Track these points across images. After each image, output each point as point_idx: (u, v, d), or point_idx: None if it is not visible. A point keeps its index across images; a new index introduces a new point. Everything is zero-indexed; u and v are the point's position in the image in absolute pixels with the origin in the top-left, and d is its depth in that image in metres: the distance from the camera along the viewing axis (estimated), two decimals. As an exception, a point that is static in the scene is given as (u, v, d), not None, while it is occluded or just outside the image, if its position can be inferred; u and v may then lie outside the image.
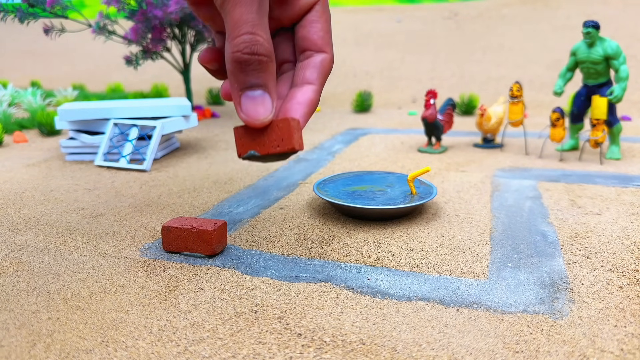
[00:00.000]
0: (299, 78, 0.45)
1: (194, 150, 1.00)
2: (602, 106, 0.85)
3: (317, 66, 0.45)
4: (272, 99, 0.41)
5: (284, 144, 0.41)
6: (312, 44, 0.45)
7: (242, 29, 0.38)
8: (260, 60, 0.39)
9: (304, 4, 0.44)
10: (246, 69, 0.40)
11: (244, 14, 0.38)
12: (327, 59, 0.45)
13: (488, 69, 2.08)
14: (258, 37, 0.39)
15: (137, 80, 2.44)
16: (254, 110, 0.41)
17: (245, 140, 0.43)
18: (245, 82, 0.40)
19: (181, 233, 0.49)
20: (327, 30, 0.45)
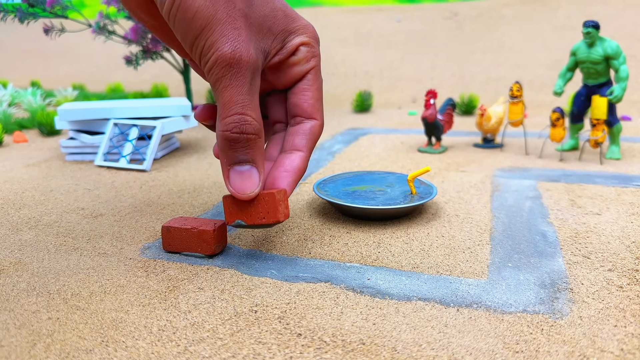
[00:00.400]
0: (288, 144, 0.47)
1: (194, 150, 1.00)
2: (602, 106, 0.85)
3: (306, 133, 0.46)
4: (259, 173, 0.43)
5: (269, 217, 0.44)
6: (303, 111, 0.46)
7: (231, 109, 0.40)
8: (249, 138, 0.41)
9: (297, 73, 0.45)
10: (235, 146, 0.41)
11: (234, 96, 0.39)
12: (316, 125, 0.46)
13: (488, 69, 2.08)
14: (247, 117, 0.40)
15: (137, 80, 2.44)
16: (241, 185, 0.42)
17: (234, 210, 0.45)
18: (233, 158, 0.42)
19: (181, 233, 0.49)
20: (317, 98, 0.46)
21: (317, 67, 0.46)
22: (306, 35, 0.44)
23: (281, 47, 0.43)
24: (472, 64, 2.15)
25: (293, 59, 0.44)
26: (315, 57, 0.45)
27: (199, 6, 0.37)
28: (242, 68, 0.39)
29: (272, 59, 0.43)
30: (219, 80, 0.39)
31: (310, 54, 0.45)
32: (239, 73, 0.39)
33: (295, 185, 0.46)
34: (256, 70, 0.40)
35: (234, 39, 0.38)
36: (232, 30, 0.38)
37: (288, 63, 0.44)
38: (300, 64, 0.44)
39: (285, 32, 0.43)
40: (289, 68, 0.45)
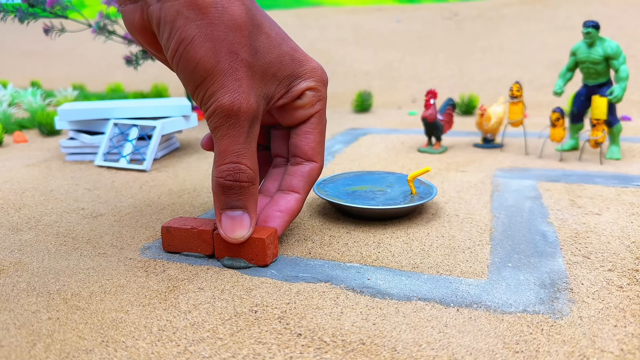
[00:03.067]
0: (285, 183, 0.48)
1: (194, 150, 1.00)
2: (602, 106, 0.85)
3: (304, 175, 0.47)
4: (250, 219, 0.44)
5: (257, 260, 0.46)
6: (303, 153, 0.47)
7: (227, 158, 0.41)
8: (242, 186, 0.42)
9: (301, 115, 0.45)
10: (228, 192, 0.42)
11: (230, 145, 0.40)
12: (315, 168, 0.47)
13: (488, 69, 2.08)
14: (242, 165, 0.41)
15: (137, 80, 2.44)
16: (231, 229, 0.43)
17: (223, 247, 0.46)
18: (226, 203, 0.43)
19: (181, 233, 0.49)
20: (319, 142, 0.47)
21: (322, 110, 0.46)
22: (313, 79, 0.44)
23: (286, 91, 0.44)
24: (472, 64, 2.15)
25: (298, 103, 0.45)
26: (321, 101, 0.46)
27: (201, 57, 0.37)
28: (240, 118, 0.39)
29: (277, 102, 0.44)
30: (217, 129, 0.40)
31: (315, 99, 0.45)
32: (237, 123, 0.39)
33: (287, 226, 0.48)
34: (255, 118, 0.41)
35: (233, 90, 0.38)
36: (233, 82, 0.38)
37: (293, 106, 0.45)
38: (304, 108, 0.45)
39: (291, 77, 0.43)
40: (293, 110, 0.45)
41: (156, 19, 0.39)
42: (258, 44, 0.40)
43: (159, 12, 0.38)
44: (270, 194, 0.49)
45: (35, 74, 2.78)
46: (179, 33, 0.37)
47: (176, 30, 0.38)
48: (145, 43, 0.43)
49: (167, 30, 0.38)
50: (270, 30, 0.42)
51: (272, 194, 0.49)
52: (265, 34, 0.41)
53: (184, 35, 0.37)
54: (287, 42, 0.43)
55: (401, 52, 2.35)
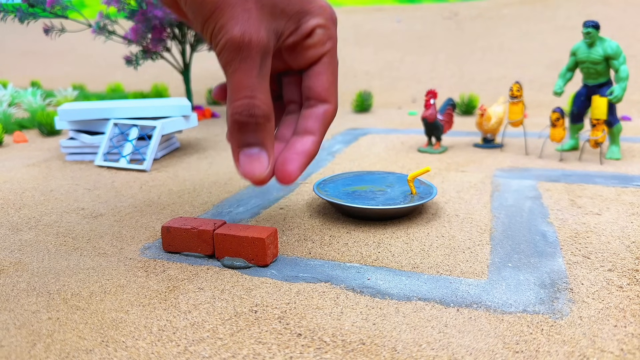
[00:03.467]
0: (301, 127, 0.47)
1: (194, 150, 1.00)
2: (602, 106, 0.85)
3: (319, 117, 0.46)
4: (268, 156, 0.43)
5: (258, 259, 0.47)
6: (317, 95, 0.46)
7: (241, 93, 0.40)
8: (258, 122, 0.41)
9: (312, 55, 0.44)
10: (244, 129, 0.41)
11: (243, 79, 0.39)
12: (329, 109, 0.46)
13: (488, 69, 2.08)
14: (256, 100, 0.40)
15: (137, 80, 2.44)
16: (250, 168, 0.42)
17: (223, 247, 0.47)
18: (243, 141, 0.42)
19: (181, 233, 0.49)
20: (332, 82, 0.46)
21: (333, 50, 0.45)
22: (322, 16, 0.43)
23: (296, 28, 0.43)
24: (472, 64, 2.15)
25: (308, 42, 0.43)
26: (331, 40, 0.44)
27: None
28: (252, 51, 0.38)
29: (286, 40, 0.43)
30: (228, 64, 0.39)
31: (325, 37, 0.44)
32: (249, 56, 0.38)
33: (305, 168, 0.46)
34: (267, 52, 0.40)
35: (244, 21, 0.38)
36: (242, 12, 0.38)
37: (303, 45, 0.44)
38: (315, 47, 0.44)
39: (300, 14, 0.42)
40: (304, 50, 0.44)
41: None
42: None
43: None
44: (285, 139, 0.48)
45: (35, 74, 2.78)
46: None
47: None
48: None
49: None
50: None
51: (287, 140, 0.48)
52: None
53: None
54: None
55: (401, 52, 2.35)
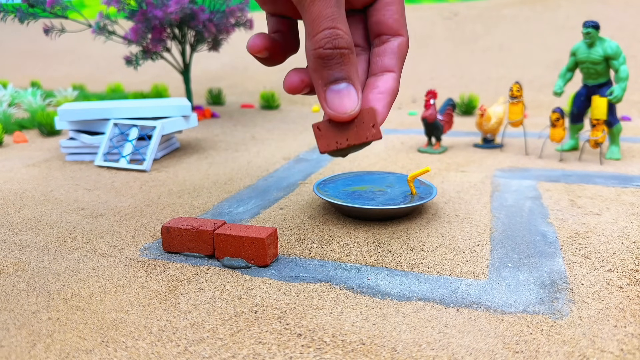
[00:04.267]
0: (377, 66, 0.44)
1: (194, 150, 1.00)
2: (602, 106, 0.85)
3: (394, 51, 0.43)
4: (357, 90, 0.41)
5: (257, 260, 0.46)
6: (388, 28, 0.43)
7: (322, 24, 0.38)
8: (343, 53, 0.39)
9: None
10: (329, 63, 0.39)
11: (323, 9, 0.38)
12: (403, 42, 0.44)
13: (488, 69, 2.08)
14: (338, 30, 0.38)
15: (137, 80, 2.44)
16: (340, 104, 0.40)
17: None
18: (329, 76, 0.40)
19: (181, 233, 0.49)
20: (402, 13, 0.44)
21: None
22: None
23: None
24: (472, 64, 2.15)
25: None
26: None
27: None
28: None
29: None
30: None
31: None
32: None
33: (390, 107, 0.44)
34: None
35: None
36: None
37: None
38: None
39: None
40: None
41: None
42: None
43: None
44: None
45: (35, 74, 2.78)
46: None
47: None
48: None
49: None
50: None
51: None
52: None
53: None
54: None
55: (401, 52, 2.35)
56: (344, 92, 0.40)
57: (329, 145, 0.41)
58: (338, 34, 0.38)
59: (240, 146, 1.05)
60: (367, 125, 0.41)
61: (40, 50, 3.25)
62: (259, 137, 1.15)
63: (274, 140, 1.11)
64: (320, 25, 0.38)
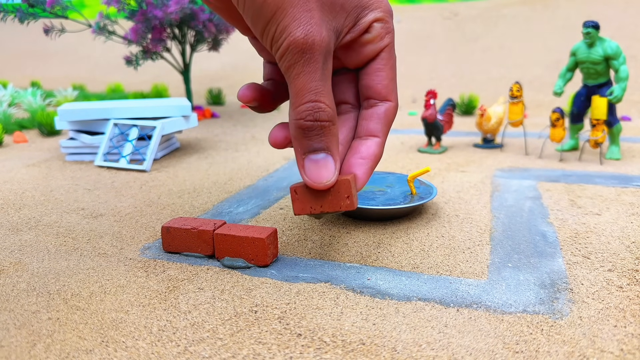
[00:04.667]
0: (362, 129, 0.45)
1: (194, 151, 1.00)
2: (602, 106, 0.85)
3: (381, 117, 0.44)
4: (335, 161, 0.41)
5: (257, 260, 0.46)
6: (377, 93, 0.44)
7: (305, 97, 0.39)
8: (323, 125, 0.40)
9: (370, 51, 0.43)
10: (309, 134, 0.40)
11: (307, 82, 0.38)
12: (391, 107, 0.44)
13: (488, 69, 2.08)
14: (321, 104, 0.39)
15: (137, 80, 2.44)
16: (317, 174, 0.41)
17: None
18: (308, 146, 0.41)
19: (181, 233, 0.49)
20: (391, 78, 0.44)
21: (391, 44, 0.43)
22: (380, 9, 0.42)
23: (354, 24, 0.41)
24: (472, 64, 2.15)
25: (366, 37, 0.42)
26: (390, 34, 0.43)
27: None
28: (315, 53, 0.37)
29: (344, 37, 0.41)
30: (291, 67, 0.38)
31: (384, 31, 0.42)
32: (312, 58, 0.37)
33: (371, 173, 0.45)
34: (328, 53, 0.39)
35: (306, 22, 0.36)
36: (304, 13, 0.36)
37: (361, 41, 0.42)
38: (373, 42, 0.42)
39: (358, 8, 0.41)
40: (361, 47, 0.42)
41: None
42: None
43: None
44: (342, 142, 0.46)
45: (35, 74, 2.78)
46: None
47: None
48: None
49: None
50: None
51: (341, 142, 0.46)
52: None
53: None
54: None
55: (401, 52, 2.35)
56: (322, 162, 0.41)
57: (303, 209, 0.43)
58: (320, 107, 0.39)
59: (240, 146, 1.05)
60: (342, 196, 0.42)
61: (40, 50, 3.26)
62: (259, 137, 1.15)
63: (274, 140, 1.11)
64: (304, 97, 0.39)
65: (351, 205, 0.42)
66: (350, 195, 0.42)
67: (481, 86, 1.91)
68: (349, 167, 0.44)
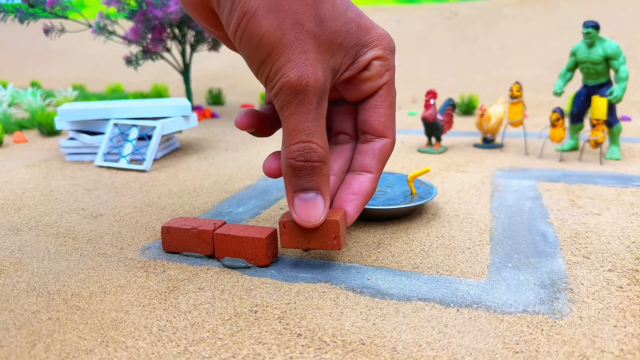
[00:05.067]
0: (357, 163, 0.45)
1: (194, 151, 1.00)
2: (602, 106, 0.85)
3: (376, 153, 0.44)
4: (324, 201, 0.42)
5: (257, 260, 0.45)
6: (373, 130, 0.44)
7: (297, 137, 0.39)
8: (314, 166, 0.40)
9: (369, 88, 0.43)
10: (300, 174, 0.40)
11: (299, 123, 0.38)
12: (387, 144, 0.45)
13: (488, 69, 2.08)
14: (312, 144, 0.39)
15: (137, 80, 2.44)
16: (306, 213, 0.41)
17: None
18: (298, 185, 0.41)
19: (181, 233, 0.49)
20: (389, 115, 0.44)
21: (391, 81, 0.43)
22: (380, 47, 0.42)
23: (352, 62, 0.41)
24: (472, 64, 2.15)
25: (365, 74, 0.42)
26: (389, 71, 0.43)
27: (265, 30, 0.36)
28: (309, 94, 0.37)
29: (342, 74, 0.42)
30: (284, 107, 0.38)
31: (383, 69, 0.42)
32: (305, 99, 0.37)
33: (362, 209, 0.45)
34: (323, 93, 0.39)
35: (300, 64, 0.37)
36: (299, 55, 0.37)
37: (359, 78, 0.42)
38: (372, 80, 0.42)
39: (357, 46, 0.41)
40: (360, 83, 0.43)
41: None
42: (323, 12, 0.38)
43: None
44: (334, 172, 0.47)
45: (35, 74, 2.78)
46: (242, 5, 0.36)
47: (238, 3, 0.36)
48: (202, 20, 0.41)
49: (229, 4, 0.36)
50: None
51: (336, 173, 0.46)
52: (330, 1, 0.39)
53: (247, 8, 0.36)
54: (352, 8, 0.41)
55: (401, 52, 2.35)
56: (311, 201, 0.41)
57: (290, 242, 0.44)
58: (312, 147, 0.39)
59: (240, 146, 1.05)
60: (330, 236, 0.43)
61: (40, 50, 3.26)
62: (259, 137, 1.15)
63: (274, 140, 1.11)
64: (295, 138, 0.39)
65: (337, 245, 0.43)
66: (337, 236, 0.43)
67: (481, 86, 1.91)
68: (340, 201, 0.45)
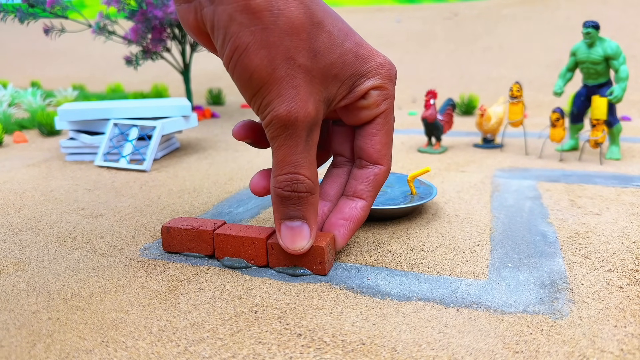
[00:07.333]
0: (350, 188, 0.46)
1: (194, 151, 1.00)
2: (602, 106, 0.85)
3: (369, 180, 0.45)
4: (310, 229, 0.42)
5: (257, 260, 0.46)
6: (368, 157, 0.45)
7: (284, 168, 0.40)
8: (300, 196, 0.41)
9: (366, 116, 0.43)
10: (286, 203, 0.41)
11: (287, 155, 0.39)
12: (381, 172, 0.45)
13: (488, 69, 2.08)
14: (299, 176, 0.40)
15: (137, 80, 2.44)
16: (291, 241, 0.42)
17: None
18: (285, 213, 0.42)
19: (181, 233, 0.49)
20: (385, 143, 0.45)
21: (389, 110, 0.43)
22: (379, 77, 0.42)
23: (349, 92, 0.41)
24: (472, 64, 2.15)
25: (362, 103, 0.42)
26: (387, 100, 0.43)
27: (256, 66, 0.36)
28: (298, 128, 0.38)
29: (338, 103, 0.42)
30: (274, 139, 0.39)
31: (381, 98, 0.42)
32: (294, 133, 0.38)
33: (352, 235, 0.45)
34: (314, 125, 0.39)
35: (290, 99, 0.37)
36: (290, 90, 0.37)
37: (356, 106, 0.43)
38: (369, 109, 0.43)
39: (354, 76, 0.41)
40: (357, 110, 0.43)
41: (210, 22, 0.37)
42: (318, 45, 0.38)
43: (212, 15, 0.37)
44: (329, 197, 0.47)
45: (35, 74, 2.78)
46: (233, 40, 0.36)
47: (230, 36, 0.36)
48: (201, 42, 0.41)
49: (221, 35, 0.37)
50: (333, 27, 0.39)
51: (331, 198, 0.47)
52: (326, 32, 0.39)
53: (238, 43, 0.36)
54: (350, 38, 0.41)
55: (401, 52, 2.35)
56: (297, 229, 0.42)
57: (278, 263, 0.45)
58: (298, 179, 0.40)
59: (240, 146, 1.05)
60: (315, 261, 0.44)
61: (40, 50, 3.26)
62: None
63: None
64: (284, 169, 0.40)
65: (322, 270, 0.44)
66: (323, 262, 0.44)
67: (481, 86, 1.91)
68: (330, 226, 0.45)
